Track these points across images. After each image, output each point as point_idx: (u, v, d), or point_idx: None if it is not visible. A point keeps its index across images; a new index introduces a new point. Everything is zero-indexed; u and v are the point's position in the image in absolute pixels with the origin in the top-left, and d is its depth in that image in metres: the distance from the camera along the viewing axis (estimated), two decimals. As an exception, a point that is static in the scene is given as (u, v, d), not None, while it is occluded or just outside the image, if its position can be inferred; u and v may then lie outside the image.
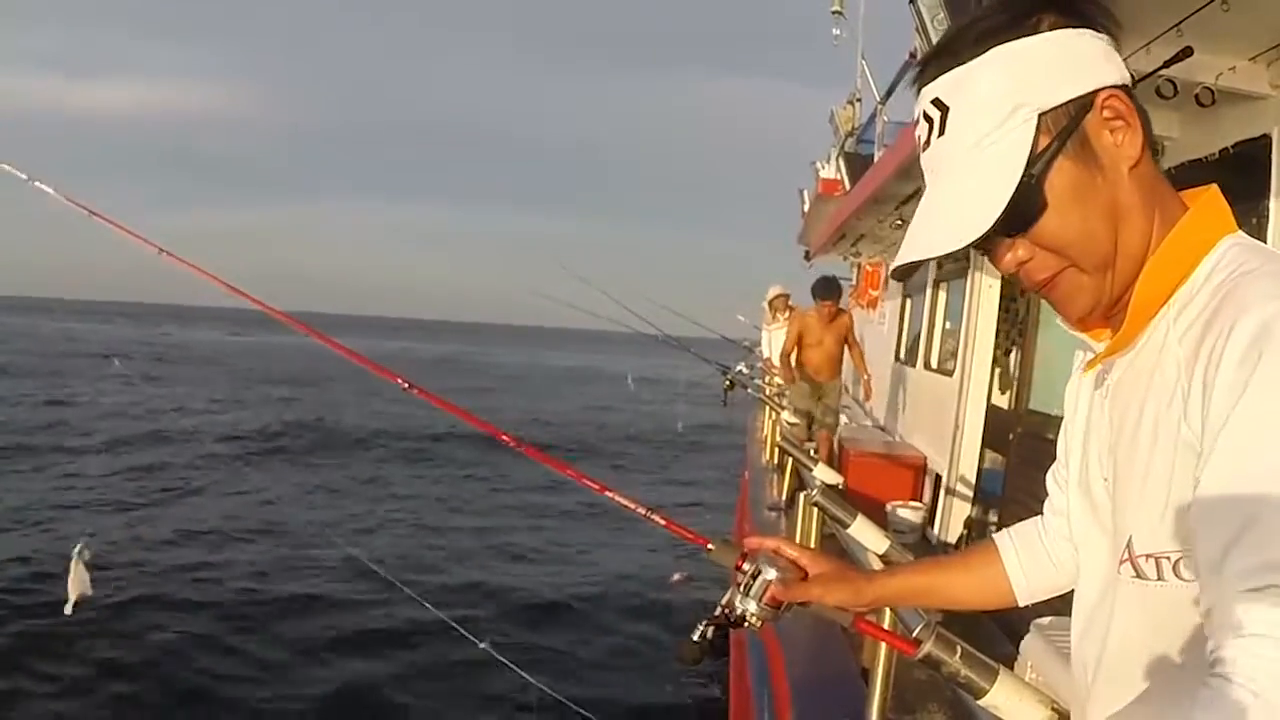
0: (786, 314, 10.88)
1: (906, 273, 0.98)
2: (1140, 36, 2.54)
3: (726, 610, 1.22)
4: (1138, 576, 0.90)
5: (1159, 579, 0.88)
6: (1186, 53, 2.49)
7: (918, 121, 0.95)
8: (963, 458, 5.65)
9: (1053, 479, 1.18)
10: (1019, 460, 4.86)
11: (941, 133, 0.92)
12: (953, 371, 6.17)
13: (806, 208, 12.94)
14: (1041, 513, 1.22)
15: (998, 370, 5.67)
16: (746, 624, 1.22)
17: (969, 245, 0.89)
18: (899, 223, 7.40)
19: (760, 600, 1.20)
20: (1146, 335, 0.92)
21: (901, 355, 8.71)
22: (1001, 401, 5.51)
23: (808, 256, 13.49)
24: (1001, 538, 1.25)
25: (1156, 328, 0.91)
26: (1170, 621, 0.88)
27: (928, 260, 0.93)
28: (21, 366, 29.65)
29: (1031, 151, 0.88)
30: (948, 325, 7.12)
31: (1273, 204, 2.77)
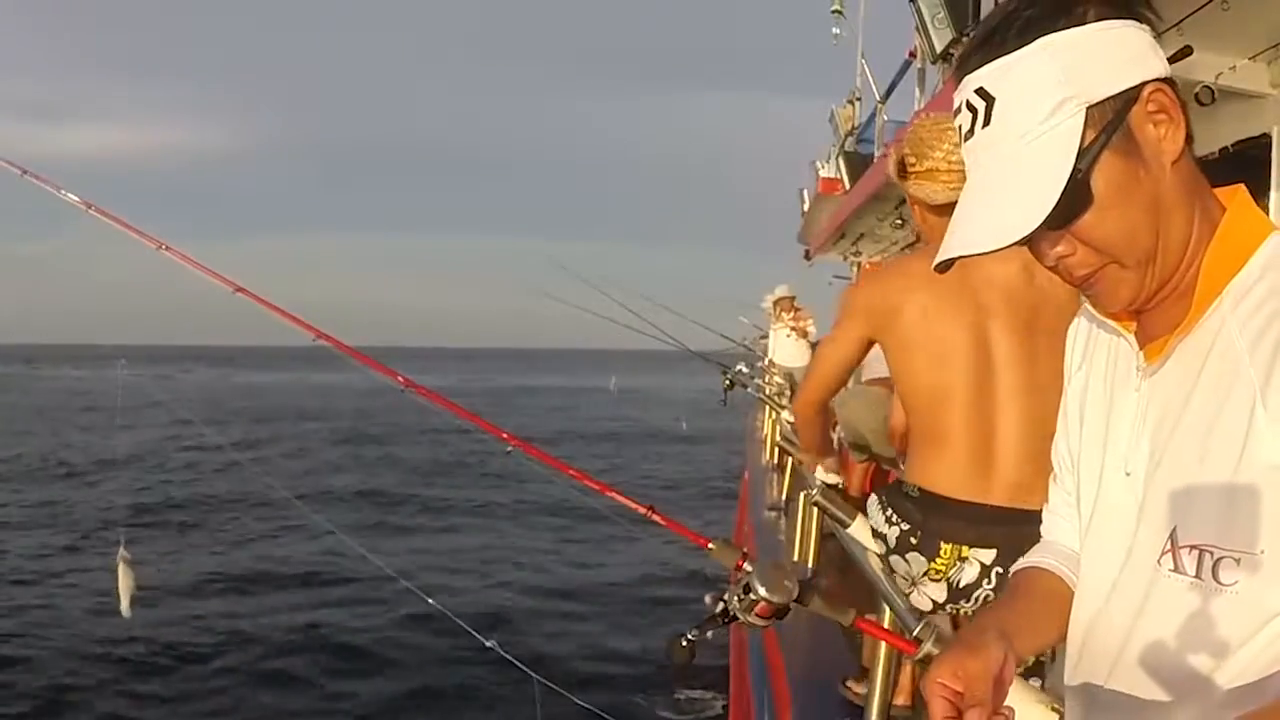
0: (791, 314, 10.85)
1: (949, 266, 0.95)
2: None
3: (720, 614, 1.23)
4: (1176, 570, 0.89)
5: (1196, 576, 0.87)
6: (1186, 52, 2.48)
7: (959, 110, 0.94)
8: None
9: (1052, 480, 1.15)
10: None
11: (986, 123, 0.90)
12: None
13: (806, 207, 12.93)
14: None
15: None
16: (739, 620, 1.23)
17: (1016, 243, 0.88)
18: (899, 222, 7.39)
19: (750, 614, 1.20)
20: (1199, 325, 0.92)
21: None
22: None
23: (808, 255, 13.48)
24: (1064, 570, 1.11)
25: (1209, 317, 0.91)
26: (1205, 624, 0.87)
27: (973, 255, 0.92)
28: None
29: (1080, 145, 0.86)
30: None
31: (1273, 203, 2.77)
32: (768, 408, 8.22)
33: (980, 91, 0.90)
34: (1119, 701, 0.96)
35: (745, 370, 8.11)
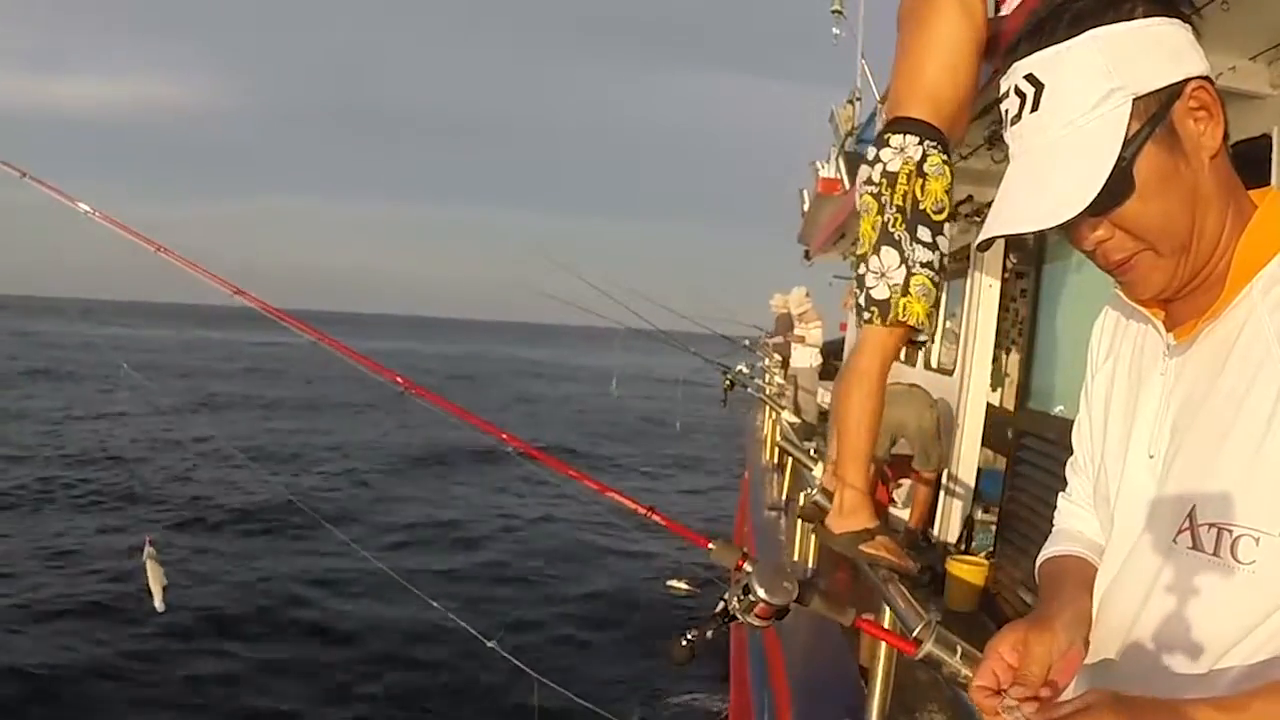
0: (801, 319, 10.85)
1: (990, 245, 0.99)
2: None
3: (720, 614, 1.23)
4: (1194, 548, 0.91)
5: (1214, 554, 0.89)
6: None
7: (1006, 95, 0.98)
8: (963, 457, 5.65)
9: (1074, 471, 1.18)
10: (1018, 460, 4.86)
11: (1035, 108, 0.94)
12: (952, 371, 6.17)
13: (806, 207, 12.92)
14: (1046, 505, 1.21)
15: (996, 369, 5.67)
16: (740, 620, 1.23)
17: (1059, 225, 0.91)
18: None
19: (750, 614, 1.21)
20: (1228, 310, 0.95)
21: (901, 354, 8.68)
22: (1000, 400, 5.50)
23: (807, 255, 13.48)
24: (1088, 555, 1.13)
25: (1238, 305, 0.94)
26: (1220, 601, 0.88)
27: (1011, 235, 0.95)
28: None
29: (1125, 135, 0.90)
30: (948, 324, 7.13)
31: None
32: (768, 408, 8.22)
33: (1029, 78, 0.94)
34: (1129, 676, 0.96)
35: (745, 370, 8.10)
